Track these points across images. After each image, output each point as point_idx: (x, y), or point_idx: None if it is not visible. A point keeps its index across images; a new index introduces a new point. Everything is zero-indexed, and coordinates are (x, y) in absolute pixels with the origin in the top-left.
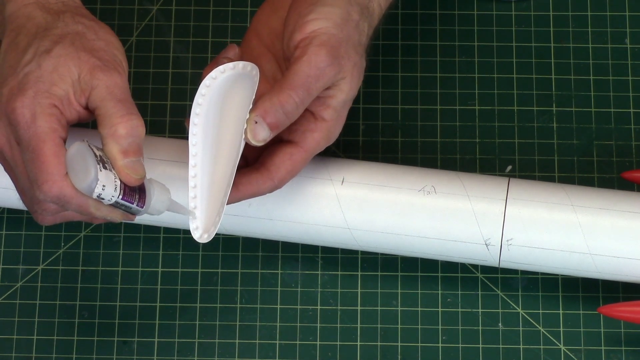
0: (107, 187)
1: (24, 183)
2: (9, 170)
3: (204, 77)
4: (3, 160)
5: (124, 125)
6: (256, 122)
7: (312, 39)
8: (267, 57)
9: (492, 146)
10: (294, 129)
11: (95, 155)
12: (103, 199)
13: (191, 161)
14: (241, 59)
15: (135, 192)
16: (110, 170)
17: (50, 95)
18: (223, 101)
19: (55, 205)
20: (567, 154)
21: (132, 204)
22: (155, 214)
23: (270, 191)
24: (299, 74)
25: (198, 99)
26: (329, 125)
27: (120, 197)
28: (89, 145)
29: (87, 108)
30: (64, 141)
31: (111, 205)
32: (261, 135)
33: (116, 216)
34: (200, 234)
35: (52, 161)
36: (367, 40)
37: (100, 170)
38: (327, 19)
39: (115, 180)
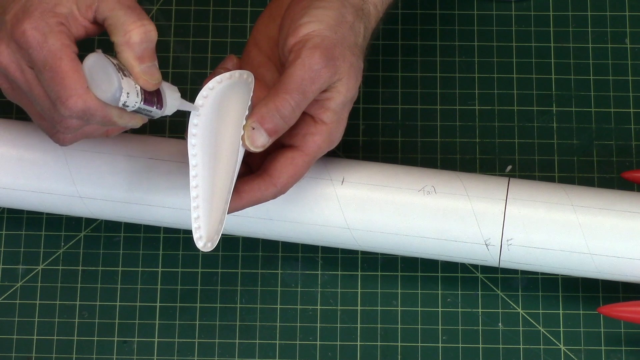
0: (130, 94)
1: (43, 105)
2: (22, 97)
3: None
4: (14, 89)
5: (137, 32)
6: (253, 128)
7: (305, 42)
8: (267, 66)
9: (492, 146)
10: (294, 133)
11: (114, 64)
12: (127, 106)
13: (192, 171)
14: (240, 68)
15: (154, 95)
16: (130, 77)
17: (55, 14)
18: (221, 110)
19: (78, 121)
20: (567, 154)
21: (153, 107)
22: (168, 113)
23: (274, 197)
24: (294, 77)
25: (194, 119)
26: (329, 128)
27: (142, 102)
28: (105, 55)
29: (94, 22)
30: (77, 56)
31: (133, 111)
32: (259, 141)
33: (137, 122)
34: (204, 242)
35: (72, 76)
36: (364, 41)
37: (122, 78)
38: (320, 21)
39: (136, 86)
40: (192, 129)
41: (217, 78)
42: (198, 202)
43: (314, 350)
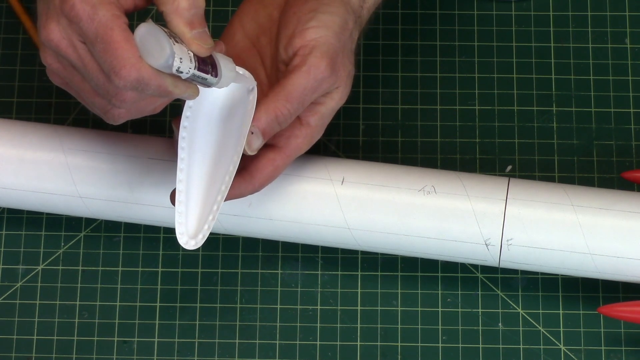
0: (183, 59)
1: (97, 80)
2: (74, 76)
3: None
4: (65, 68)
5: None
6: (252, 133)
7: (312, 48)
8: (251, 52)
9: (492, 146)
10: (278, 133)
11: (165, 32)
12: (181, 72)
13: (180, 164)
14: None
15: (207, 63)
16: (182, 44)
17: None
18: (215, 107)
19: (132, 93)
20: (567, 154)
21: (207, 74)
22: (224, 85)
23: (250, 194)
24: (297, 85)
25: (189, 102)
26: (312, 131)
27: (196, 68)
28: (156, 24)
29: None
30: (129, 27)
31: (187, 79)
32: (256, 145)
33: (193, 91)
34: (187, 240)
35: (124, 46)
36: (356, 47)
37: (174, 44)
38: (327, 27)
39: (189, 52)
40: (184, 122)
41: None
42: (182, 197)
43: (314, 350)
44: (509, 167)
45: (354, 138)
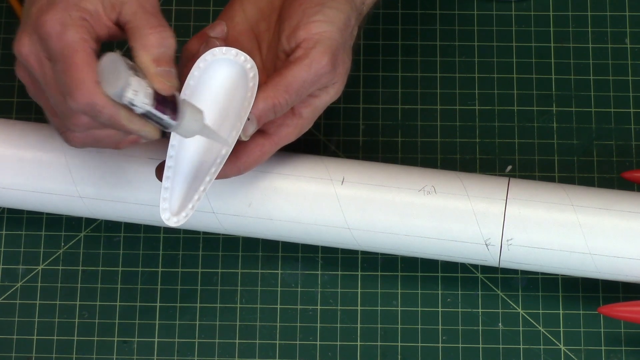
0: (139, 92)
1: (55, 99)
2: (38, 91)
3: (194, 55)
4: (33, 83)
5: (155, 36)
6: (248, 119)
7: (316, 42)
8: (248, 36)
9: (492, 146)
10: (270, 121)
11: (127, 64)
12: (135, 105)
13: (172, 140)
14: (227, 36)
15: (168, 105)
16: (143, 79)
17: (79, 8)
18: (216, 87)
19: (87, 119)
20: (567, 154)
21: (165, 115)
22: (188, 135)
23: (235, 175)
24: (297, 77)
25: (189, 80)
26: (303, 122)
27: (153, 105)
28: (121, 56)
29: (117, 24)
30: (96, 53)
31: (143, 116)
32: (250, 131)
33: (150, 130)
34: (169, 216)
35: (83, 69)
36: (355, 45)
37: (132, 76)
38: (332, 22)
39: (147, 88)
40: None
41: (215, 50)
42: (170, 173)
43: (314, 350)
44: (509, 167)
45: (354, 138)
